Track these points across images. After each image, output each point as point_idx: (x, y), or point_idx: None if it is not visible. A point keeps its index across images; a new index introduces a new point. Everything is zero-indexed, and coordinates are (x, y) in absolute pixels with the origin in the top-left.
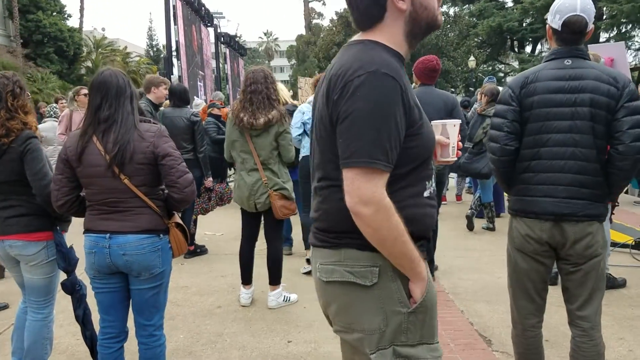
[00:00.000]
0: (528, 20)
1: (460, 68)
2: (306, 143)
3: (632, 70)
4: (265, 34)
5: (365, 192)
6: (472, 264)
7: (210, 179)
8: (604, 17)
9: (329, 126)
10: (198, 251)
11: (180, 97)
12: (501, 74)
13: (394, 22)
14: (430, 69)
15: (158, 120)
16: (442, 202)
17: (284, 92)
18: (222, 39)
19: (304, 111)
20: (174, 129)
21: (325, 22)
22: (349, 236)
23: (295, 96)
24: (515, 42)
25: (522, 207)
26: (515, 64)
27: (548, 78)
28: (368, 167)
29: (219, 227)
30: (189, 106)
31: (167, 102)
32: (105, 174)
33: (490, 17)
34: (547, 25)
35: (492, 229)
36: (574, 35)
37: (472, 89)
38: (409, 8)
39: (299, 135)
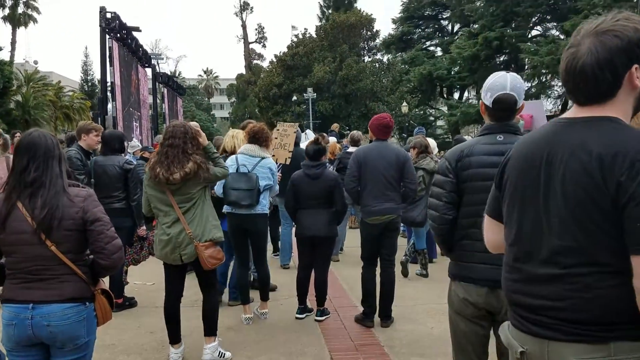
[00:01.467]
0: (456, 69)
1: (394, 112)
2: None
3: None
4: (205, 72)
5: None
6: (407, 313)
7: (144, 227)
8: (526, 67)
9: (608, 208)
10: (127, 304)
11: (112, 146)
12: (432, 118)
13: (625, 98)
14: (384, 125)
15: (89, 167)
16: None
17: (235, 142)
18: (160, 78)
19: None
20: (105, 177)
21: (265, 64)
22: (621, 327)
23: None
24: (445, 89)
25: (460, 272)
26: (445, 109)
27: (482, 152)
28: None
29: (150, 276)
30: (124, 153)
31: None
32: (30, 240)
33: (421, 65)
34: (480, 101)
35: (426, 276)
36: (504, 112)
37: (404, 134)
38: None
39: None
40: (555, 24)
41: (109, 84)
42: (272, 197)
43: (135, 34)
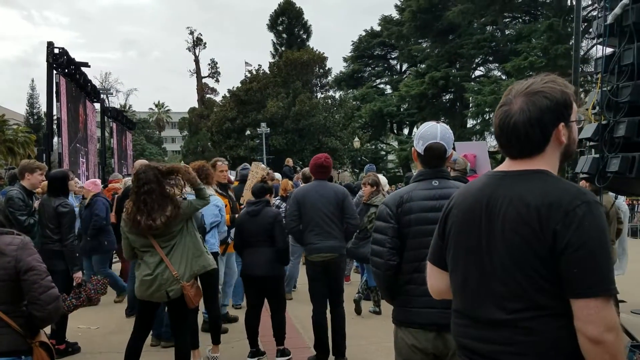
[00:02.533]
0: (405, 106)
1: (346, 147)
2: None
3: (494, 153)
4: (156, 105)
5: (612, 319)
6: (360, 354)
7: (79, 274)
8: (470, 106)
9: (546, 255)
10: (69, 350)
11: (53, 185)
12: (383, 153)
13: (553, 153)
14: (319, 165)
15: (31, 206)
16: None
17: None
18: (109, 113)
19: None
20: (43, 217)
21: (218, 98)
22: None
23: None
24: (395, 125)
25: (407, 318)
26: (395, 144)
27: (421, 198)
28: (610, 294)
29: (95, 319)
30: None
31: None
32: None
33: (372, 101)
34: (412, 148)
35: (379, 313)
36: (435, 160)
37: (356, 170)
38: (566, 142)
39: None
40: (497, 65)
41: (55, 119)
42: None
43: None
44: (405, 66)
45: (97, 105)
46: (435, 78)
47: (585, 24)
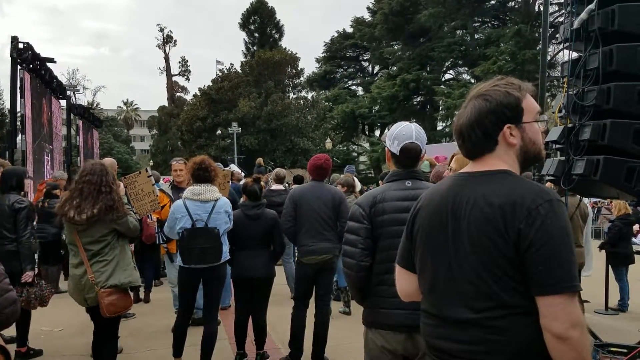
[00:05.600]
0: (377, 108)
1: (318, 148)
2: None
3: None
4: (125, 103)
5: (576, 316)
6: (329, 353)
7: (29, 272)
8: (440, 109)
9: (511, 254)
10: (31, 353)
11: (8, 184)
12: (355, 154)
13: (505, 153)
14: (317, 166)
15: None
16: None
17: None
18: (75, 110)
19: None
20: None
21: (188, 97)
22: None
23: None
24: (366, 127)
25: (377, 320)
26: (367, 146)
27: (394, 198)
28: (574, 291)
29: (58, 320)
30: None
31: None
32: None
33: (344, 103)
34: (386, 149)
35: (349, 313)
36: (410, 160)
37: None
38: (520, 143)
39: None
40: (466, 68)
41: (18, 115)
42: None
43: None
44: (377, 68)
45: (63, 102)
46: (406, 80)
47: (552, 29)
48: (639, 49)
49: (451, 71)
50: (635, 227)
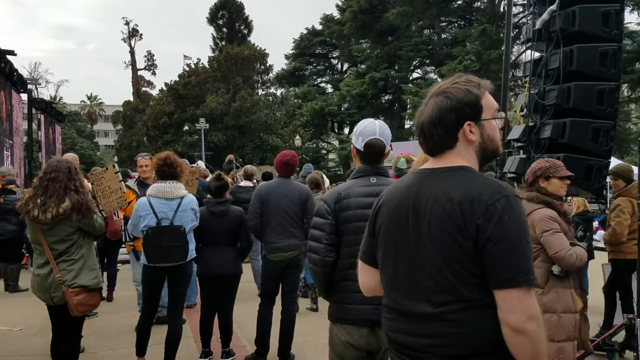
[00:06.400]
0: (346, 106)
1: (287, 145)
2: None
3: None
4: (89, 98)
5: (532, 308)
6: (296, 350)
7: None
8: (408, 107)
9: (470, 249)
10: None
11: None
12: (324, 152)
13: (465, 150)
14: (284, 163)
15: None
16: None
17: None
18: (36, 104)
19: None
20: None
21: (154, 91)
22: (496, 357)
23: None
24: (336, 124)
25: (342, 315)
26: (336, 144)
27: (359, 194)
28: (530, 284)
29: (18, 319)
30: None
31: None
32: None
33: (313, 100)
34: (351, 145)
35: (316, 310)
36: (374, 156)
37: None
38: (479, 139)
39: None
40: (433, 67)
41: None
42: None
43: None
44: (346, 66)
45: (24, 96)
46: (375, 79)
47: (517, 30)
48: (599, 50)
49: (418, 70)
50: (595, 223)
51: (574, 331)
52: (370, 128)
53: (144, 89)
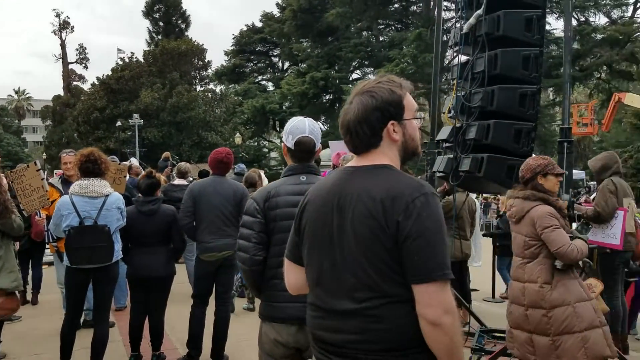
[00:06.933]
0: (287, 104)
1: (227, 142)
2: None
3: None
4: (16, 92)
5: (448, 302)
6: (230, 351)
7: None
8: None
9: (390, 245)
10: None
11: None
12: (266, 150)
13: (389, 149)
14: (219, 160)
15: None
16: None
17: None
18: None
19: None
20: None
21: (86, 86)
22: (414, 351)
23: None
24: (277, 122)
25: (271, 313)
26: (278, 142)
27: (288, 192)
28: (446, 279)
29: None
30: None
31: None
32: None
33: (254, 97)
34: (282, 143)
35: (253, 310)
36: (305, 154)
37: (234, 166)
38: (401, 139)
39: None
40: (372, 69)
41: None
42: None
43: None
44: (287, 64)
45: None
46: (315, 78)
47: (448, 34)
48: (521, 54)
49: (358, 71)
50: None
51: (597, 317)
52: (300, 126)
53: (75, 83)
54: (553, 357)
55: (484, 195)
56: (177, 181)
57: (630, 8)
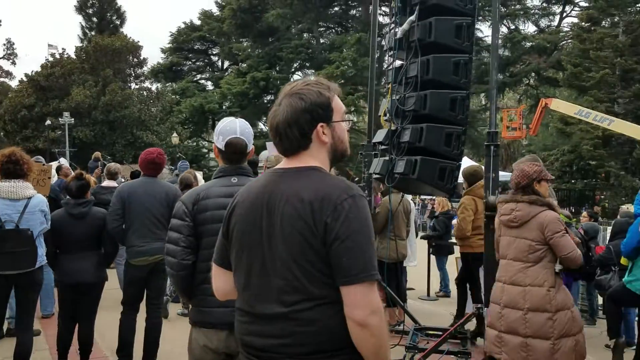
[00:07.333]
0: (227, 104)
1: (164, 142)
2: None
3: None
4: None
5: (375, 303)
6: (164, 358)
7: None
8: None
9: (319, 247)
10: None
11: None
12: (205, 150)
13: (318, 151)
14: (149, 161)
15: None
16: None
17: None
18: None
19: None
20: None
21: (14, 82)
22: (342, 352)
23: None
24: (217, 122)
25: (201, 318)
26: None
27: (218, 195)
28: (373, 279)
29: None
30: None
31: None
32: None
33: (193, 96)
34: (213, 145)
35: (187, 315)
36: (236, 155)
37: (172, 167)
38: (330, 141)
39: None
40: (313, 70)
41: None
42: None
43: None
44: (226, 63)
45: None
46: (256, 78)
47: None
48: (452, 60)
49: (299, 72)
50: (454, 221)
51: (580, 322)
52: (231, 127)
53: (1, 79)
54: None
55: (422, 196)
56: (107, 183)
57: (557, 18)
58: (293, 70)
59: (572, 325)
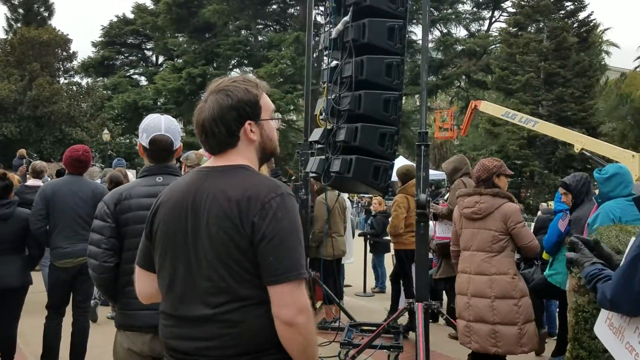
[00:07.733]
0: (162, 100)
1: (94, 139)
2: None
3: None
4: None
5: (303, 302)
6: None
7: None
8: None
9: (246, 247)
10: None
11: None
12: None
13: (246, 149)
14: (75, 158)
15: None
16: None
17: None
18: None
19: None
20: None
21: None
22: (268, 353)
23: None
24: None
25: (125, 321)
26: None
27: (141, 195)
28: (301, 278)
29: None
30: None
31: None
32: None
33: (125, 92)
34: (138, 143)
35: None
36: (161, 153)
37: (102, 165)
38: (259, 139)
39: None
40: (251, 68)
41: None
42: None
43: None
44: (161, 59)
45: None
46: (192, 74)
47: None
48: (385, 62)
49: (237, 69)
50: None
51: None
52: (155, 124)
53: None
54: (518, 345)
55: (360, 195)
56: (31, 182)
57: (487, 22)
58: (231, 67)
59: (530, 310)
